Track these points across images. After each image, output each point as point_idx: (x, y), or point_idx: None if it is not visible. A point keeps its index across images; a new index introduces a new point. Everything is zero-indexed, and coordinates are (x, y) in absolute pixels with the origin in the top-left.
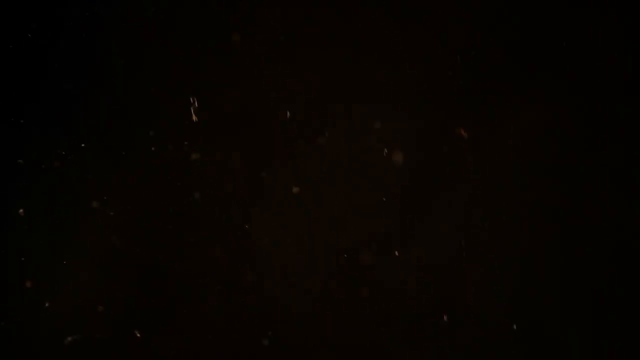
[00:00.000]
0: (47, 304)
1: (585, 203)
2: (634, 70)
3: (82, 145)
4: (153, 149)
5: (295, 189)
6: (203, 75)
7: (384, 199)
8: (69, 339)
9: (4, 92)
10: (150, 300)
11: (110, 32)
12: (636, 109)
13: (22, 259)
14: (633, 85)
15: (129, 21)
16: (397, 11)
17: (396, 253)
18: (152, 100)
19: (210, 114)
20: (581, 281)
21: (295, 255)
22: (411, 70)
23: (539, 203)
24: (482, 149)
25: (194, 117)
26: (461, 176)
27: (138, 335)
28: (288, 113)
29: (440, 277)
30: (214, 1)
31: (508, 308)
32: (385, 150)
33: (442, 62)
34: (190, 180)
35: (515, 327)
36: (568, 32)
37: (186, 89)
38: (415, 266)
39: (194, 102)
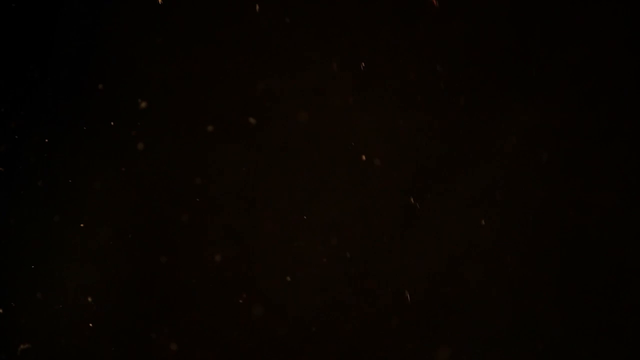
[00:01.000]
0: (45, 305)
1: (585, 203)
2: (634, 70)
3: (82, 145)
4: (152, 149)
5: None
6: (202, 75)
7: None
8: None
9: (3, 92)
10: (149, 301)
11: (110, 32)
12: (636, 109)
13: (20, 258)
14: (633, 85)
15: (128, 21)
16: (397, 11)
17: (396, 253)
18: (150, 100)
19: (209, 114)
20: (581, 281)
21: (295, 255)
22: (411, 70)
23: (539, 203)
24: (482, 149)
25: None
26: (461, 176)
27: (137, 335)
28: (288, 113)
29: (441, 278)
30: (213, 1)
31: (508, 308)
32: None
33: (442, 61)
34: (190, 181)
35: (516, 328)
36: (568, 32)
37: (185, 89)
38: (416, 266)
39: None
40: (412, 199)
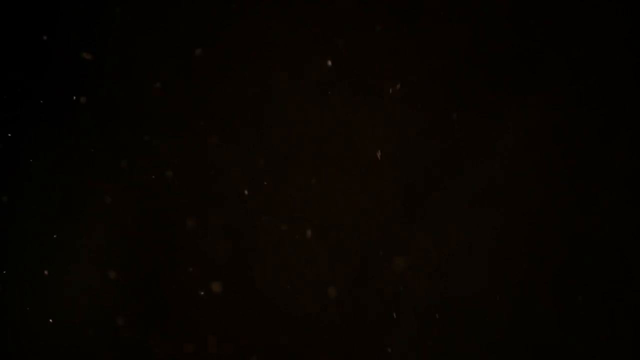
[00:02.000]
0: (46, 306)
1: (585, 203)
2: (634, 70)
3: (83, 146)
4: (151, 151)
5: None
6: (202, 75)
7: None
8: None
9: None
10: (149, 303)
11: (107, 30)
12: (636, 109)
13: (20, 259)
14: (633, 85)
15: (125, 19)
16: (398, 11)
17: (397, 252)
18: (148, 100)
19: (208, 115)
20: (581, 281)
21: (296, 256)
22: (412, 70)
23: (539, 203)
24: (482, 148)
25: None
26: (461, 176)
27: (137, 336)
28: (288, 114)
29: (441, 277)
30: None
31: (508, 308)
32: (380, 152)
33: (442, 61)
34: (190, 182)
35: (516, 326)
36: (567, 32)
37: (184, 89)
38: (416, 266)
39: None
40: (412, 199)
